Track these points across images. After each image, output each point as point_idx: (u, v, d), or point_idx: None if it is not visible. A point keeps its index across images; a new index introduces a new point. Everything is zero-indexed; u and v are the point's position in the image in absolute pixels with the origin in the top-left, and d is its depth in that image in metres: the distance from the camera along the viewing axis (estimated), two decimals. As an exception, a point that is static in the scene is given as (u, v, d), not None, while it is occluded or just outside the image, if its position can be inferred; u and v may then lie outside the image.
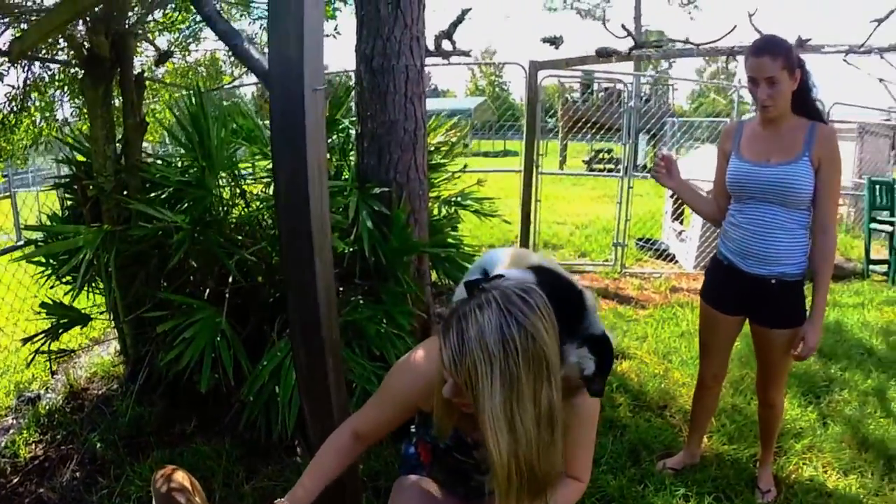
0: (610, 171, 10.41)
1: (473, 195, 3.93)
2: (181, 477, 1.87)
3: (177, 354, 2.55)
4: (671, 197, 7.05)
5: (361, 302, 2.87)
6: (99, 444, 2.82)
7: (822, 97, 7.07)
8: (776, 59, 2.02)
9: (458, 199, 3.83)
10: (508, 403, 1.10)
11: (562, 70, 5.90)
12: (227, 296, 2.82)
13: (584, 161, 15.88)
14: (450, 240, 3.57)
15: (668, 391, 3.43)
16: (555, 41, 5.18)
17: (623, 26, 4.98)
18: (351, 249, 2.83)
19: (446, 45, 4.55)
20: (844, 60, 4.46)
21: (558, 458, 1.20)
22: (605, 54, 5.07)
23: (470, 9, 4.49)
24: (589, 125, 9.35)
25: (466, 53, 4.88)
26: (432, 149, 3.74)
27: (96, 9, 2.78)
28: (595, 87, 15.53)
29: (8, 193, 7.02)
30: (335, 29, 4.25)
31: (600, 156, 15.35)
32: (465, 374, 1.11)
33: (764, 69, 2.04)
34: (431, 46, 4.53)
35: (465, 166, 4.20)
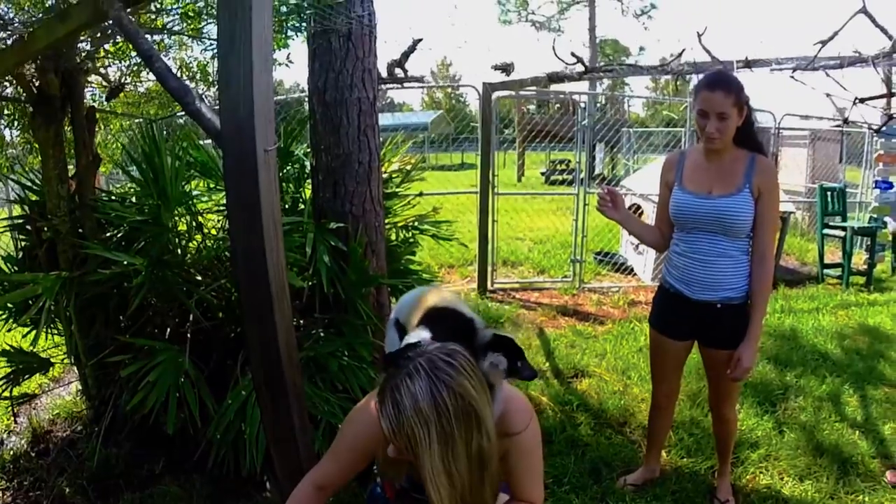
0: (570, 182, 10.57)
1: (430, 219, 3.97)
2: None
3: (142, 398, 2.54)
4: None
5: (322, 335, 2.90)
6: (67, 489, 2.79)
7: (773, 108, 7.37)
8: (728, 95, 2.13)
9: (416, 223, 3.87)
10: (446, 457, 1.23)
11: (515, 91, 6.00)
12: (188, 335, 2.83)
13: (541, 173, 16.05)
14: (411, 266, 3.63)
15: (628, 408, 3.53)
16: (506, 68, 5.30)
17: (573, 54, 5.12)
18: (310, 283, 2.86)
19: (399, 72, 4.61)
20: (792, 77, 4.64)
21: (488, 492, 1.34)
22: (557, 79, 5.22)
23: (421, 39, 4.56)
24: (545, 135, 9.48)
25: (419, 80, 4.95)
26: (388, 177, 3.79)
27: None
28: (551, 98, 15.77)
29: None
30: (287, 58, 4.28)
31: (558, 167, 15.55)
32: (405, 439, 1.23)
33: (716, 104, 2.15)
34: (385, 74, 4.58)
35: (421, 193, 4.24)
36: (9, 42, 2.53)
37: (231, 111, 1.54)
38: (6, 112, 3.80)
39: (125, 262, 2.66)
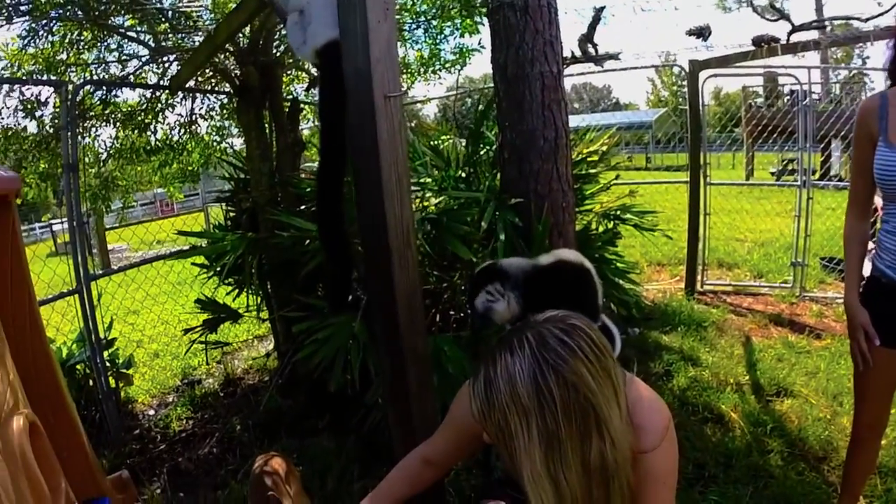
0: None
1: (635, 208, 3.76)
2: (277, 463, 2.01)
3: (309, 353, 2.72)
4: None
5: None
6: (238, 427, 3.14)
7: None
8: None
9: (617, 212, 3.66)
10: (550, 462, 0.98)
11: (726, 69, 5.39)
12: (362, 301, 2.98)
13: (771, 173, 14.50)
14: (607, 255, 3.42)
15: (832, 440, 2.95)
16: (701, 32, 4.75)
17: (772, 5, 4.38)
18: (482, 258, 2.80)
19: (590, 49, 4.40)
20: None
21: None
22: (760, 42, 4.54)
23: (604, 7, 4.30)
24: (776, 132, 8.50)
25: (616, 56, 4.65)
26: (580, 158, 3.64)
27: (241, 45, 3.11)
28: (784, 89, 14.08)
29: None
30: (479, 43, 4.36)
31: (790, 166, 13.85)
32: (495, 429, 1.02)
33: None
34: (578, 52, 4.41)
35: (618, 175, 4.03)
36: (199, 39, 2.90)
37: (351, 59, 1.56)
38: (224, 107, 4.43)
39: (303, 228, 2.88)
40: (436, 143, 3.48)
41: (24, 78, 3.90)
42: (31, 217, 19.01)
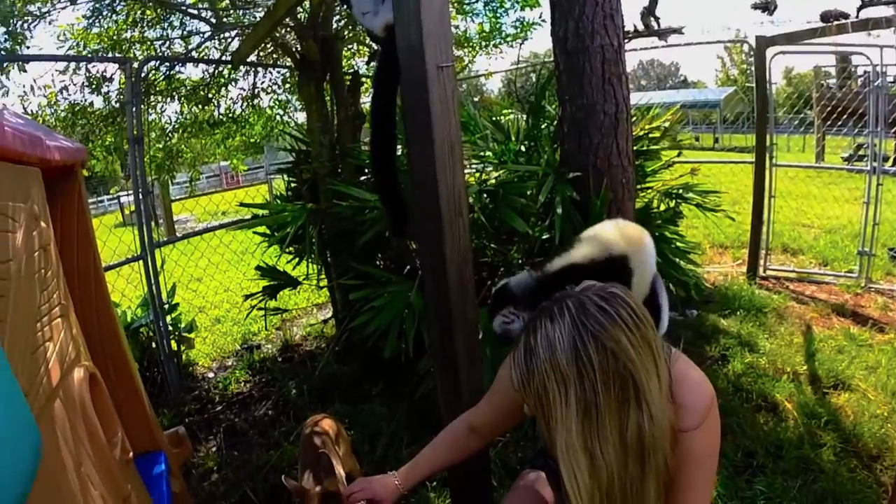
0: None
1: (698, 187, 3.68)
2: (327, 424, 2.09)
3: (365, 320, 2.79)
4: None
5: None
6: (294, 391, 3.24)
7: None
8: None
9: (679, 191, 3.59)
10: (587, 433, 0.96)
11: (794, 46, 5.13)
12: (419, 272, 3.02)
13: (842, 158, 13.85)
14: (667, 234, 3.37)
15: (887, 439, 2.84)
16: (766, 6, 4.54)
17: None
18: (546, 236, 2.82)
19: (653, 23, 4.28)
20: None
21: (652, 496, 1.03)
22: (828, 18, 4.31)
23: None
24: (842, 112, 8.11)
25: (679, 31, 4.50)
26: (642, 134, 3.58)
27: (301, 19, 3.17)
28: (858, 70, 13.37)
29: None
30: (540, 17, 4.31)
31: (862, 151, 13.19)
32: (535, 397, 1.00)
33: None
34: (640, 26, 4.30)
35: (680, 153, 3.94)
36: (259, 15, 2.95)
37: (403, 31, 1.57)
38: (286, 81, 4.53)
39: (361, 198, 2.93)
40: (498, 118, 3.47)
41: (89, 56, 4.07)
42: (100, 190, 19.78)
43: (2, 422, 0.66)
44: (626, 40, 2.92)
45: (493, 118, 3.45)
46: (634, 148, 3.12)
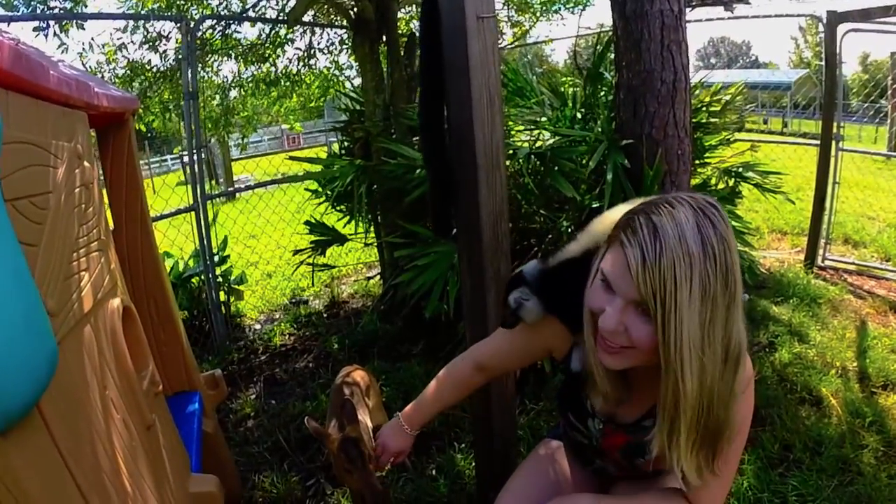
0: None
1: (759, 167, 3.55)
2: (359, 375, 2.13)
3: (409, 278, 2.81)
4: None
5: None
6: (336, 346, 3.30)
7: None
8: None
9: (739, 169, 3.46)
10: (705, 324, 0.91)
11: (869, 23, 4.76)
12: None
13: (912, 147, 13.16)
14: None
15: None
16: None
17: None
18: (596, 204, 2.76)
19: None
20: None
21: (731, 414, 1.00)
22: None
23: None
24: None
25: (745, 0, 4.24)
26: (700, 106, 3.47)
27: None
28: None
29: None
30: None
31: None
32: (659, 280, 0.91)
33: None
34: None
35: (741, 128, 3.80)
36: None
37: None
38: (343, 42, 4.54)
39: (408, 156, 2.94)
40: (559, 87, 3.40)
41: (147, 14, 4.16)
42: (164, 150, 20.32)
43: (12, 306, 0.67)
44: (688, 7, 2.80)
45: (553, 87, 3.39)
46: (693, 120, 3.02)
